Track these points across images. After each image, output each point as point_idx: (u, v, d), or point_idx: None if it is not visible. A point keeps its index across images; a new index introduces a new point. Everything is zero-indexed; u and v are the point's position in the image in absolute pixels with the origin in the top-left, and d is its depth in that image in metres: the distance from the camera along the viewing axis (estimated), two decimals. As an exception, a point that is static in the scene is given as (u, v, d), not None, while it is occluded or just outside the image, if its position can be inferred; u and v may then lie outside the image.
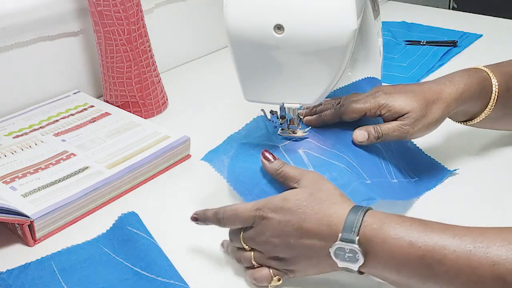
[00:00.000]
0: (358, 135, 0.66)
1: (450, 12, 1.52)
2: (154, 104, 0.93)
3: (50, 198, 0.68)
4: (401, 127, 0.65)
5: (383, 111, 0.65)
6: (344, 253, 0.51)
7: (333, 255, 0.52)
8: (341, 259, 0.52)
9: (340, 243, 0.51)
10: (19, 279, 0.58)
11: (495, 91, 0.69)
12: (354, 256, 0.51)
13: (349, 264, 0.52)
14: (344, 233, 0.51)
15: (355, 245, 0.50)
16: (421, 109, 0.64)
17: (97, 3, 0.85)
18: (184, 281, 0.57)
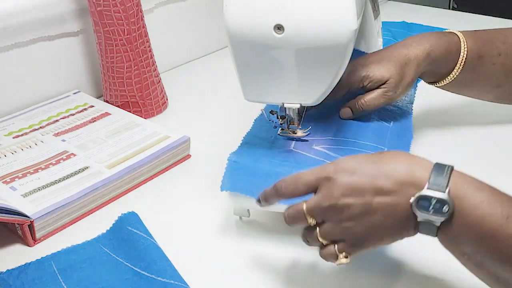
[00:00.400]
0: (343, 113, 0.71)
1: (450, 12, 1.52)
2: (154, 104, 0.93)
3: (50, 198, 0.68)
4: (385, 94, 0.70)
5: (365, 82, 0.70)
6: (429, 203, 0.46)
7: (415, 206, 0.46)
8: (424, 211, 0.46)
9: (426, 192, 0.46)
10: (19, 279, 0.58)
11: (463, 55, 0.72)
12: (440, 208, 0.46)
13: (432, 217, 0.46)
14: (434, 178, 0.46)
15: (444, 194, 0.46)
16: (398, 73, 0.69)
17: (97, 3, 0.85)
18: (184, 281, 0.57)
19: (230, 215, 0.68)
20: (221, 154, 0.70)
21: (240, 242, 0.65)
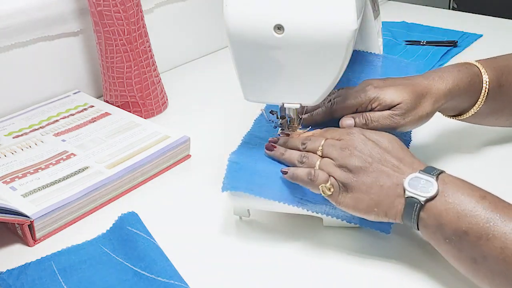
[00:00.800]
0: (344, 122, 0.66)
1: (450, 12, 1.52)
2: (154, 104, 0.93)
3: (50, 198, 0.68)
4: (392, 117, 0.65)
5: (374, 104, 0.66)
6: (418, 183, 0.55)
7: (407, 183, 0.55)
8: (412, 187, 0.54)
9: (418, 174, 0.55)
10: (19, 279, 0.58)
11: (485, 87, 0.70)
12: (427, 188, 0.54)
13: (419, 193, 0.54)
14: (425, 170, 0.56)
15: (432, 179, 0.54)
16: (411, 101, 0.65)
17: (97, 3, 0.85)
18: (184, 281, 0.57)
19: (230, 215, 0.68)
20: (221, 154, 0.70)
21: (240, 242, 0.65)
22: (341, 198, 0.58)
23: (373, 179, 0.57)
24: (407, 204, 0.55)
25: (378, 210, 0.57)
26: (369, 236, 0.64)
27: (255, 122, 0.73)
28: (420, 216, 0.54)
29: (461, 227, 0.52)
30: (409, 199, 0.54)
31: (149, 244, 0.61)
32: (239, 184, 0.62)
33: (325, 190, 0.58)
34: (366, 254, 0.62)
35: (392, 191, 0.56)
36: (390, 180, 0.56)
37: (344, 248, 0.63)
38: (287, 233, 0.65)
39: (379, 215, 0.57)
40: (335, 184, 0.58)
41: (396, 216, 0.56)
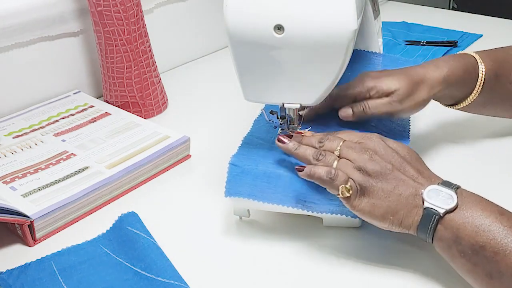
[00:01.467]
0: (342, 111, 0.68)
1: (450, 12, 1.52)
2: (154, 104, 0.93)
3: (50, 198, 0.68)
4: (390, 103, 0.67)
5: (372, 92, 0.68)
6: (438, 195, 0.54)
7: (425, 194, 0.54)
8: (432, 199, 0.54)
9: (437, 186, 0.54)
10: (19, 279, 0.58)
11: (481, 77, 0.71)
12: (446, 200, 0.53)
13: (438, 203, 0.53)
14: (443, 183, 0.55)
15: (452, 192, 0.54)
16: (407, 87, 0.67)
17: (97, 3, 0.85)
18: (184, 281, 0.57)
19: (230, 215, 0.68)
20: (221, 154, 0.70)
21: (240, 242, 0.65)
22: (357, 202, 0.56)
23: (392, 186, 0.55)
24: (424, 215, 0.54)
25: (393, 218, 0.55)
26: (370, 236, 0.64)
27: (254, 122, 0.73)
28: (436, 229, 0.53)
29: (479, 241, 0.51)
30: (428, 210, 0.53)
31: (149, 244, 0.61)
32: (242, 189, 0.62)
33: (345, 192, 0.56)
34: (366, 254, 0.62)
35: (411, 201, 0.55)
36: (409, 189, 0.55)
37: (344, 248, 0.63)
38: (287, 233, 0.65)
39: (394, 223, 0.55)
40: (354, 187, 0.56)
41: (411, 226, 0.55)
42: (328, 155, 0.59)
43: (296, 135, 0.63)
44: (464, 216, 0.52)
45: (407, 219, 0.55)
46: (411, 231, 0.55)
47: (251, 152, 0.66)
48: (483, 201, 0.54)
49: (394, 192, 0.55)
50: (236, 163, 0.63)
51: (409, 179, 0.56)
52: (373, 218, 0.56)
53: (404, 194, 0.55)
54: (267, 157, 0.64)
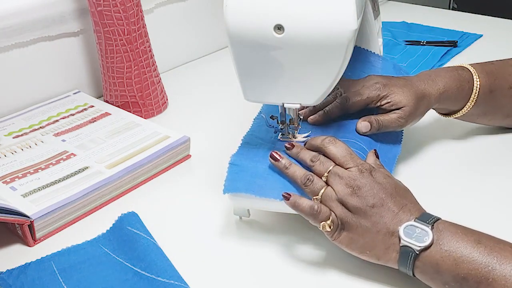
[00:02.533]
0: (362, 126, 0.69)
1: (450, 12, 1.52)
2: (154, 104, 0.93)
3: (50, 198, 0.68)
4: (398, 120, 0.70)
5: (383, 101, 0.70)
6: (414, 232, 0.54)
7: (402, 231, 0.54)
8: (407, 236, 0.54)
9: (414, 222, 0.55)
10: (19, 279, 0.58)
11: (475, 92, 0.74)
12: (422, 237, 0.53)
13: (414, 242, 0.53)
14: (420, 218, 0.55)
15: (428, 228, 0.54)
16: (413, 105, 0.70)
17: (97, 3, 0.85)
18: (184, 281, 0.57)
19: (230, 215, 0.68)
20: (221, 154, 0.70)
21: (240, 242, 0.65)
22: (336, 235, 0.58)
23: (370, 224, 0.56)
24: (402, 253, 0.54)
25: (370, 253, 0.57)
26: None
27: (254, 121, 0.73)
28: (415, 265, 0.54)
29: (460, 273, 0.51)
30: (404, 248, 0.54)
31: (149, 244, 0.61)
32: (240, 185, 0.62)
33: (326, 227, 0.57)
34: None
35: (387, 239, 0.56)
36: (386, 227, 0.56)
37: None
38: (287, 233, 0.65)
39: (372, 258, 0.57)
40: (335, 221, 0.57)
41: (390, 261, 0.56)
42: (316, 182, 0.60)
43: (298, 146, 0.64)
44: (442, 250, 0.53)
45: (385, 255, 0.56)
46: (391, 265, 0.56)
47: (251, 152, 0.66)
48: (459, 232, 0.54)
49: (372, 229, 0.56)
50: (236, 163, 0.64)
51: (389, 217, 0.56)
52: (351, 251, 0.58)
53: (381, 232, 0.56)
54: (266, 157, 0.64)
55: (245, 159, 0.64)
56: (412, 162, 0.77)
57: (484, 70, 0.74)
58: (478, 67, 0.75)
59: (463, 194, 0.71)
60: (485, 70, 0.75)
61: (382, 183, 0.58)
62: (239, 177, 0.63)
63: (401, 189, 0.59)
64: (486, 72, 0.74)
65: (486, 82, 0.74)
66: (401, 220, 0.56)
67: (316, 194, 0.59)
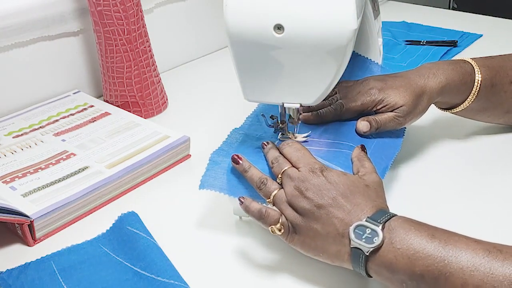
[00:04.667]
0: (362, 126, 0.69)
1: (450, 12, 1.52)
2: (154, 104, 0.93)
3: (50, 198, 0.68)
4: (396, 118, 0.70)
5: (379, 106, 0.70)
6: (364, 232, 0.52)
7: (352, 231, 0.53)
8: (357, 237, 0.52)
9: (364, 222, 0.53)
10: (19, 279, 0.58)
11: (476, 86, 0.73)
12: (372, 238, 0.52)
13: (363, 244, 0.52)
14: (372, 216, 0.53)
15: (378, 228, 0.52)
16: (412, 103, 0.70)
17: (97, 3, 0.85)
18: (184, 281, 0.57)
19: (230, 215, 0.68)
20: (221, 154, 0.70)
21: (240, 242, 0.65)
22: (290, 238, 0.58)
23: (320, 226, 0.55)
24: (353, 254, 0.53)
25: (323, 255, 0.56)
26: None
27: (246, 119, 0.74)
28: (368, 266, 0.53)
29: (416, 271, 0.49)
30: (354, 249, 0.53)
31: (149, 244, 0.61)
32: (215, 182, 0.63)
33: (275, 230, 0.57)
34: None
35: (338, 241, 0.54)
36: (336, 229, 0.54)
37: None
38: (287, 233, 0.65)
39: (326, 259, 0.56)
40: (285, 224, 0.57)
41: (344, 262, 0.55)
42: (269, 185, 0.60)
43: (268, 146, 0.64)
44: (394, 249, 0.51)
45: (338, 257, 0.55)
46: (347, 267, 0.55)
47: (231, 149, 0.67)
48: (412, 228, 0.52)
49: (322, 232, 0.55)
50: (214, 159, 0.65)
51: (339, 217, 0.54)
52: (306, 253, 0.58)
53: (331, 234, 0.54)
54: (245, 154, 0.64)
55: (223, 156, 0.65)
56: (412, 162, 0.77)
57: (486, 64, 0.74)
58: (480, 61, 0.74)
59: (464, 194, 0.71)
60: (486, 64, 0.74)
61: (333, 182, 0.57)
62: (215, 173, 0.64)
63: (359, 187, 0.57)
64: (488, 66, 0.74)
65: (487, 75, 0.73)
66: (352, 220, 0.54)
67: (268, 197, 0.59)
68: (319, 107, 0.72)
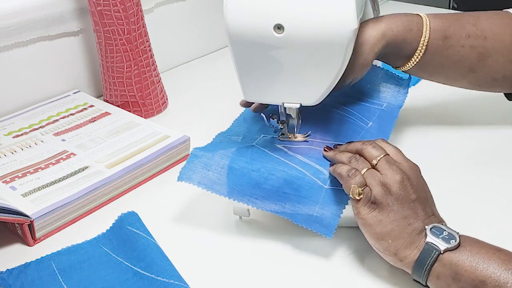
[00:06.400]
0: None
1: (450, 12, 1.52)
2: (154, 104, 0.93)
3: (50, 198, 0.68)
4: None
5: None
6: (440, 233, 0.53)
7: (429, 230, 0.54)
8: (434, 236, 0.53)
9: (441, 225, 0.54)
10: (19, 279, 0.58)
11: (425, 35, 0.69)
12: (448, 239, 0.53)
13: (440, 242, 0.52)
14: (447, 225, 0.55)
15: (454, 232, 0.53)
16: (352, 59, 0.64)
17: (97, 3, 0.85)
18: (184, 281, 0.57)
19: (230, 215, 0.68)
20: (221, 154, 0.70)
21: (240, 242, 0.65)
22: (363, 210, 0.56)
23: (405, 214, 0.55)
24: (424, 250, 0.53)
25: (391, 243, 0.55)
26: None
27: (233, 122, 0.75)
28: (434, 266, 0.52)
29: (479, 276, 0.50)
30: (428, 245, 0.53)
31: (149, 244, 0.61)
32: (194, 176, 0.64)
33: (355, 192, 0.56)
34: (366, 253, 0.62)
35: (415, 234, 0.54)
36: (418, 223, 0.55)
37: (345, 248, 0.63)
38: (286, 232, 0.65)
39: (389, 249, 0.55)
40: (367, 194, 0.56)
41: (406, 259, 0.54)
42: (361, 161, 0.59)
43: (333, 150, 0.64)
44: (462, 253, 0.52)
45: (404, 251, 0.54)
46: (404, 265, 0.55)
47: (211, 146, 0.67)
48: (480, 241, 0.53)
49: (405, 220, 0.55)
50: (195, 153, 0.65)
51: (423, 216, 0.55)
52: (372, 234, 0.56)
53: (412, 226, 0.55)
54: (226, 149, 0.65)
55: (204, 151, 0.66)
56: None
57: (439, 16, 0.70)
58: (432, 14, 0.70)
59: (466, 193, 0.71)
60: (439, 16, 0.70)
61: (425, 183, 0.59)
62: (195, 167, 0.64)
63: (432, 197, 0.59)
64: (441, 18, 0.69)
65: (439, 26, 0.69)
66: (432, 221, 0.55)
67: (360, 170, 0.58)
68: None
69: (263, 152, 0.65)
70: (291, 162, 0.63)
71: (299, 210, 0.60)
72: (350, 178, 0.57)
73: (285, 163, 0.63)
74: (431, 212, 0.57)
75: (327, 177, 0.61)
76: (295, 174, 0.61)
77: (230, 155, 0.64)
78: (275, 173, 0.62)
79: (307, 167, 0.62)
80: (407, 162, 0.59)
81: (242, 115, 0.76)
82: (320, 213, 0.59)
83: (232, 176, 0.63)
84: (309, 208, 0.60)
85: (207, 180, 0.63)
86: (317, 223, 0.59)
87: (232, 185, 0.62)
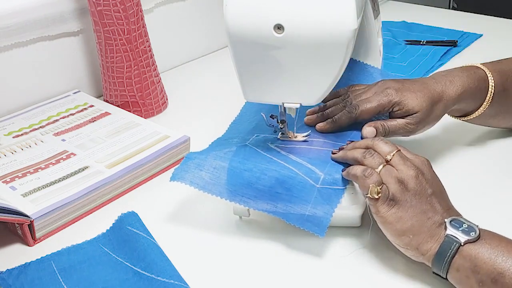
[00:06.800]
0: (367, 132, 0.68)
1: (450, 12, 1.52)
2: (154, 104, 0.93)
3: (50, 198, 0.68)
4: (407, 125, 0.68)
5: (395, 108, 0.68)
6: (460, 226, 0.54)
7: (448, 223, 0.55)
8: (454, 228, 0.54)
9: (461, 218, 0.55)
10: (19, 279, 0.58)
11: (491, 91, 0.72)
12: (468, 232, 0.53)
13: (460, 234, 0.53)
14: None
15: (474, 224, 0.54)
16: (427, 110, 0.68)
17: (97, 3, 0.85)
18: (184, 281, 0.57)
19: (230, 215, 0.68)
20: (221, 154, 0.70)
21: (240, 242, 0.65)
22: (383, 208, 0.57)
23: (424, 208, 0.56)
24: (445, 242, 0.54)
25: (413, 238, 0.55)
26: (369, 236, 0.64)
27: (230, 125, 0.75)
28: (454, 259, 0.53)
29: (497, 268, 0.51)
30: (449, 237, 0.54)
31: (149, 244, 0.61)
32: (186, 175, 0.64)
33: (373, 191, 0.56)
34: (366, 253, 0.62)
35: (435, 228, 0.55)
36: (437, 217, 0.56)
37: (345, 248, 0.63)
38: (287, 232, 0.65)
39: (411, 244, 0.56)
40: (385, 192, 0.57)
41: (427, 253, 0.55)
42: (376, 157, 0.59)
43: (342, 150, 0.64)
44: (482, 246, 0.53)
45: (425, 244, 0.55)
46: (425, 258, 0.55)
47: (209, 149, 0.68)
48: (499, 235, 0.54)
49: (424, 214, 0.56)
50: (189, 155, 0.66)
51: (441, 209, 0.56)
52: (393, 231, 0.56)
53: (431, 220, 0.55)
54: (219, 149, 0.65)
55: (198, 153, 0.66)
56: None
57: (496, 69, 0.73)
58: (490, 66, 0.73)
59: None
60: (497, 69, 0.73)
61: (437, 177, 0.59)
62: (188, 167, 0.64)
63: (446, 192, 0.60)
64: (498, 71, 0.73)
65: (499, 81, 0.72)
66: (450, 214, 0.56)
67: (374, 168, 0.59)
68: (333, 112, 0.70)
69: (256, 152, 0.65)
70: (283, 162, 0.63)
71: (291, 209, 0.60)
72: (367, 178, 0.57)
73: (277, 162, 0.63)
74: (447, 205, 0.57)
75: (319, 176, 0.61)
76: (287, 173, 0.61)
77: (223, 155, 0.65)
78: (267, 172, 0.62)
79: (299, 167, 0.62)
80: (417, 157, 0.60)
81: (238, 116, 0.76)
82: (312, 212, 0.60)
83: (224, 176, 0.63)
84: (301, 208, 0.60)
85: (200, 180, 0.63)
86: (309, 222, 0.60)
87: (225, 185, 0.62)
